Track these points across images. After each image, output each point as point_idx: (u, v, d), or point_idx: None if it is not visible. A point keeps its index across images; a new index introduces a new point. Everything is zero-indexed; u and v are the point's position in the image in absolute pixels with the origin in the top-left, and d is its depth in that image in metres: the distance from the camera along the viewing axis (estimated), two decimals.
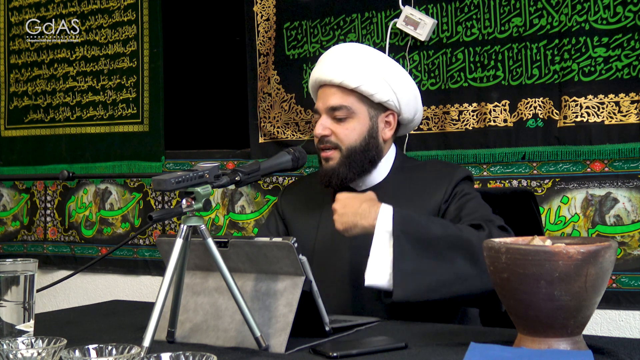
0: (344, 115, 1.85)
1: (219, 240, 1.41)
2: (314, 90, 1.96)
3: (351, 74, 1.84)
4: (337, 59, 1.88)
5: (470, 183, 1.90)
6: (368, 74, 1.84)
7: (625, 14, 2.29)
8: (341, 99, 1.85)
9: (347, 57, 1.87)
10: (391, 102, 1.87)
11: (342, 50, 1.91)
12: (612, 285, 2.31)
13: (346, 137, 1.85)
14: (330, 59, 1.89)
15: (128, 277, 3.27)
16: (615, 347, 1.30)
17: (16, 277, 1.41)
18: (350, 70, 1.84)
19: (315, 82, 1.92)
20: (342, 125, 1.85)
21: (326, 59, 1.90)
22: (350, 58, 1.86)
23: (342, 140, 1.85)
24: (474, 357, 1.17)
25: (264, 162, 1.55)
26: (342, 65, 1.85)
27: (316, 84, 1.92)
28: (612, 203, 2.32)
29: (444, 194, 1.83)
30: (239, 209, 2.99)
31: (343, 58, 1.87)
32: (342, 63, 1.85)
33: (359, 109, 1.86)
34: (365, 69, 1.84)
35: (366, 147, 1.86)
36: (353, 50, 1.90)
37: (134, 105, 3.24)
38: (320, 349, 1.30)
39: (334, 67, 1.86)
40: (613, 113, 2.30)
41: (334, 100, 1.85)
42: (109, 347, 1.12)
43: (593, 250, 1.16)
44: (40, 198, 3.49)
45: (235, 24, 3.01)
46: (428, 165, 1.97)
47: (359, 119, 1.86)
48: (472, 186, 1.91)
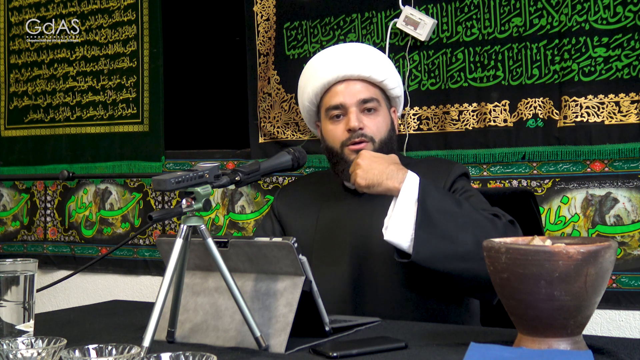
0: (374, 106, 1.87)
1: (219, 240, 1.41)
2: (320, 92, 1.93)
3: (377, 67, 1.88)
4: (358, 54, 1.90)
5: (467, 180, 1.90)
6: (388, 68, 1.91)
7: (625, 14, 2.29)
8: (370, 92, 1.88)
9: (366, 52, 1.91)
10: (399, 97, 1.95)
11: (357, 47, 1.94)
12: (612, 285, 2.31)
13: (378, 130, 1.87)
14: (349, 54, 1.90)
15: (128, 277, 3.27)
16: (615, 347, 1.30)
17: (16, 277, 1.41)
18: (375, 65, 1.88)
19: (334, 79, 1.89)
20: (372, 117, 1.87)
21: (342, 56, 1.90)
22: (369, 53, 1.91)
23: (374, 133, 1.86)
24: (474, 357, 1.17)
25: (264, 162, 1.55)
26: (366, 60, 1.88)
27: (332, 81, 1.89)
28: (612, 203, 2.32)
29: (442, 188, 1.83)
30: (239, 209, 2.99)
31: (363, 54, 1.90)
32: (365, 58, 1.89)
33: (382, 102, 1.91)
34: (384, 64, 1.91)
35: (390, 140, 1.89)
36: (366, 47, 1.95)
37: (134, 105, 3.24)
38: (321, 349, 1.30)
39: (358, 62, 1.87)
40: (613, 113, 2.30)
41: (363, 93, 1.87)
42: (109, 347, 1.12)
43: (593, 250, 1.16)
44: (40, 198, 3.49)
45: (235, 24, 3.01)
46: (425, 162, 1.98)
47: (383, 112, 1.90)
48: (470, 183, 1.92)
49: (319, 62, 1.93)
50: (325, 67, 1.90)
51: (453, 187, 1.84)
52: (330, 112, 1.90)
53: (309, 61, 2.00)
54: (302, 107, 2.02)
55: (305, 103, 1.98)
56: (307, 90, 1.95)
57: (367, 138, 1.85)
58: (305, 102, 1.97)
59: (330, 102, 1.90)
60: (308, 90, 1.95)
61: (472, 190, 1.85)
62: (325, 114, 1.92)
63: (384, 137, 1.87)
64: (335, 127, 1.88)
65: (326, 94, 1.92)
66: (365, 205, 1.87)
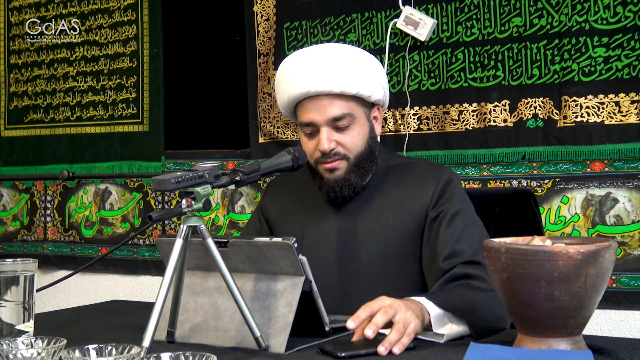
0: (347, 123, 1.74)
1: (219, 240, 1.41)
2: (291, 104, 1.80)
3: (348, 80, 1.72)
4: (326, 65, 1.73)
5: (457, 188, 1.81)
6: (362, 76, 1.75)
7: (625, 14, 2.29)
8: (342, 107, 1.74)
9: (337, 62, 1.74)
10: (381, 97, 1.81)
11: (326, 55, 1.76)
12: (612, 285, 2.31)
13: (354, 145, 1.76)
14: (317, 67, 1.73)
15: (128, 277, 3.27)
16: (615, 347, 1.30)
17: (16, 277, 1.41)
18: (346, 76, 1.72)
19: (300, 94, 1.75)
20: (346, 133, 1.75)
21: (309, 68, 1.74)
22: (340, 63, 1.74)
23: (350, 150, 1.76)
24: (474, 357, 1.17)
25: (264, 162, 1.54)
26: (335, 72, 1.72)
27: (301, 96, 1.75)
28: (612, 203, 2.32)
29: (431, 198, 1.76)
30: (239, 209, 2.99)
31: (333, 64, 1.73)
32: (335, 69, 1.72)
33: (358, 113, 1.77)
34: (358, 72, 1.75)
35: (370, 149, 1.79)
36: (337, 54, 1.76)
37: (134, 105, 3.24)
38: (328, 349, 1.29)
39: (327, 76, 1.72)
40: (613, 113, 2.30)
41: (334, 110, 1.73)
42: (109, 347, 1.12)
43: (593, 250, 1.16)
44: (40, 198, 3.49)
45: (235, 24, 3.01)
46: (413, 166, 1.87)
47: (360, 123, 1.77)
48: (460, 190, 1.82)
49: (289, 72, 1.78)
50: (294, 81, 1.75)
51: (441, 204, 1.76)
52: (302, 127, 1.79)
53: (281, 65, 1.83)
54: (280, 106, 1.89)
55: (281, 108, 1.87)
56: (279, 98, 1.84)
57: (340, 156, 1.75)
58: (281, 108, 1.86)
59: (301, 118, 1.78)
60: (281, 99, 1.83)
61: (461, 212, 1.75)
62: (299, 125, 1.83)
63: (361, 151, 1.77)
64: (308, 142, 1.78)
65: (298, 107, 1.80)
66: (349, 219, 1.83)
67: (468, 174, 2.52)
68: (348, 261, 1.80)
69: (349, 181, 1.77)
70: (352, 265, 1.79)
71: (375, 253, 1.75)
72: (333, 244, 1.81)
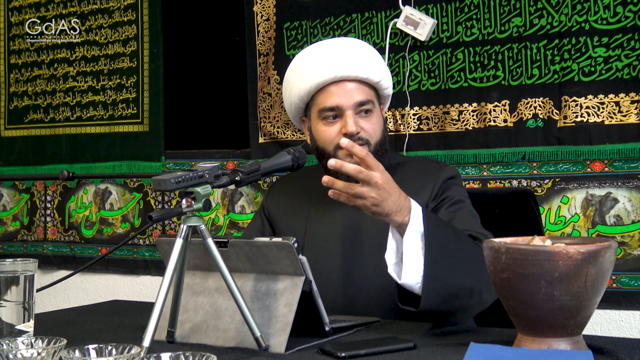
0: (370, 108, 1.81)
1: (219, 240, 1.41)
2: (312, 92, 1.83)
3: (374, 68, 1.81)
4: (354, 53, 1.82)
5: (457, 183, 1.86)
6: (384, 68, 1.85)
7: (625, 14, 2.29)
8: (365, 93, 1.81)
9: (363, 51, 1.84)
10: (389, 94, 1.90)
11: (351, 44, 1.85)
12: (612, 285, 2.31)
13: (374, 132, 1.81)
14: (344, 53, 1.80)
15: (128, 277, 3.27)
16: (615, 347, 1.30)
17: (16, 277, 1.41)
18: (372, 64, 1.82)
19: (328, 79, 1.79)
20: (367, 119, 1.81)
21: (336, 54, 1.80)
22: (366, 52, 1.84)
23: (371, 135, 1.81)
24: (474, 357, 1.17)
25: (264, 162, 1.54)
26: (363, 59, 1.81)
27: (328, 81, 1.79)
28: (612, 203, 2.32)
29: (431, 191, 1.80)
30: (239, 209, 2.99)
31: (360, 52, 1.83)
32: (362, 57, 1.81)
33: (376, 103, 1.85)
34: (379, 63, 1.85)
35: (384, 140, 1.84)
36: (362, 44, 1.87)
37: (134, 105, 3.24)
38: (328, 349, 1.29)
39: (356, 62, 1.79)
40: (613, 113, 2.30)
41: (359, 95, 1.79)
42: (109, 347, 1.12)
43: (593, 250, 1.16)
44: (40, 198, 3.49)
45: (235, 24, 3.01)
46: (415, 163, 1.92)
47: (377, 112, 1.85)
48: (460, 185, 1.87)
49: (312, 59, 1.83)
50: (319, 66, 1.80)
51: (442, 193, 1.80)
52: (324, 113, 1.82)
53: (299, 55, 1.88)
54: (288, 102, 1.92)
55: (293, 99, 1.88)
56: (297, 87, 1.85)
57: (363, 141, 1.79)
58: (294, 99, 1.87)
59: (324, 103, 1.81)
60: (299, 87, 1.85)
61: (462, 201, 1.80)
62: (317, 113, 1.84)
63: (379, 139, 1.82)
64: (328, 129, 1.81)
65: (319, 94, 1.82)
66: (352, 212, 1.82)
67: (468, 174, 2.52)
68: (351, 255, 1.80)
69: None
70: (355, 258, 1.80)
71: (378, 247, 1.76)
72: (336, 238, 1.83)
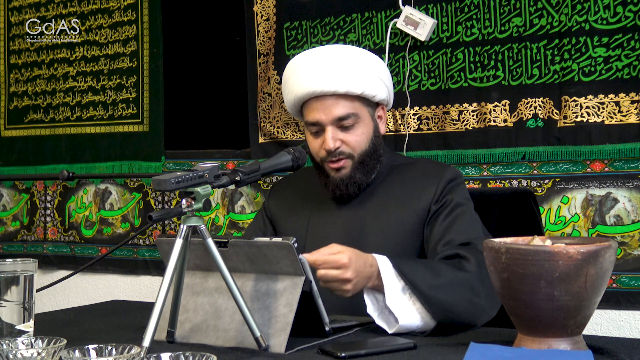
0: (352, 122, 1.78)
1: (219, 240, 1.41)
2: (298, 103, 1.83)
3: (354, 80, 1.76)
4: (332, 66, 1.76)
5: (460, 185, 1.84)
6: (367, 76, 1.79)
7: (625, 14, 2.29)
8: (347, 107, 1.77)
9: (342, 62, 1.77)
10: (385, 97, 1.85)
11: (332, 56, 1.79)
12: (612, 285, 2.31)
13: (358, 144, 1.79)
14: (322, 67, 1.77)
15: (128, 277, 3.27)
16: (615, 347, 1.30)
17: (16, 277, 1.41)
18: (351, 77, 1.76)
19: (307, 94, 1.78)
20: (350, 133, 1.79)
21: (315, 69, 1.77)
22: (345, 63, 1.77)
23: (354, 148, 1.79)
24: (474, 357, 1.17)
25: (264, 162, 1.54)
26: (340, 72, 1.76)
27: (307, 96, 1.79)
28: (612, 203, 2.32)
29: (434, 194, 1.79)
30: (239, 209, 2.99)
31: (338, 64, 1.77)
32: (340, 70, 1.76)
33: (363, 113, 1.81)
34: (363, 72, 1.78)
35: (374, 147, 1.82)
36: (343, 55, 1.80)
37: (134, 105, 3.24)
38: (328, 349, 1.30)
39: (332, 76, 1.75)
40: (613, 113, 2.30)
41: (339, 109, 1.77)
42: (109, 347, 1.12)
43: (593, 250, 1.16)
44: (40, 198, 3.49)
45: (235, 24, 3.01)
46: (417, 165, 1.91)
47: (364, 122, 1.81)
48: (463, 187, 1.85)
49: (295, 73, 1.82)
50: (300, 81, 1.79)
51: (444, 195, 1.79)
52: (308, 126, 1.83)
53: (289, 64, 1.86)
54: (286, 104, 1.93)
55: (289, 105, 1.90)
56: (286, 97, 1.88)
57: (344, 155, 1.79)
58: (289, 105, 1.89)
59: (307, 117, 1.81)
60: (288, 96, 1.86)
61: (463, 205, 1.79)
62: (305, 124, 1.86)
63: (365, 149, 1.80)
64: (314, 141, 1.82)
65: (304, 107, 1.83)
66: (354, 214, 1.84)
67: (468, 174, 2.52)
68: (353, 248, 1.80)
69: (354, 179, 1.81)
70: None
71: (380, 248, 1.76)
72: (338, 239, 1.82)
